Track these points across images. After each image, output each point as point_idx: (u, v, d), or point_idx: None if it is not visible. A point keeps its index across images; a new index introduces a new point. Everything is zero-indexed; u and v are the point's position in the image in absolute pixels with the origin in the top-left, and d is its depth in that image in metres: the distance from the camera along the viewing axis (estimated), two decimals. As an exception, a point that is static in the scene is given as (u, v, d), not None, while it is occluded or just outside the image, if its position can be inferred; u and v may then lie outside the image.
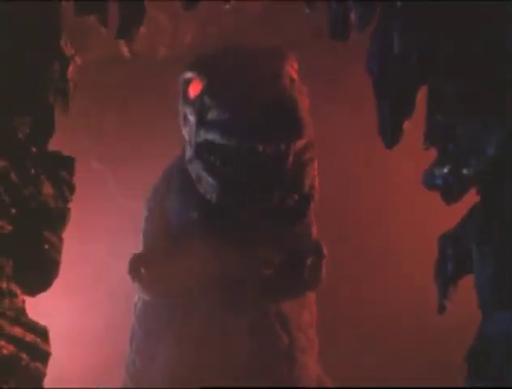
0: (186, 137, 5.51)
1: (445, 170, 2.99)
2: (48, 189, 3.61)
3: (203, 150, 5.14)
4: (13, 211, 3.38)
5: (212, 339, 5.27)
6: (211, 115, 5.09)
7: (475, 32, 2.92)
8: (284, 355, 5.30)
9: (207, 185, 5.19)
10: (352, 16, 3.63)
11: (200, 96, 5.27)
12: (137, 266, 5.52)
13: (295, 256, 5.42)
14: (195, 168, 5.30)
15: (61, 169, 3.75)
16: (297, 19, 6.96)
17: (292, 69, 5.39)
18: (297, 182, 5.22)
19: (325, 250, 5.48)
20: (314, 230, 5.68)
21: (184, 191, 5.50)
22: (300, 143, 5.12)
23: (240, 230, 5.28)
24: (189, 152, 5.41)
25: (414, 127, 3.29)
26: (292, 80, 5.24)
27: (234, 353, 5.19)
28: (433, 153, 3.12)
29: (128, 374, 5.67)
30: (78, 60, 3.94)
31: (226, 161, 5.06)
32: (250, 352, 5.20)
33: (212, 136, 5.06)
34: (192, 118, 5.31)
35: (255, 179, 5.04)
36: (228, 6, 4.28)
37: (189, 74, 5.46)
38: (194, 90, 5.37)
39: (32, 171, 3.54)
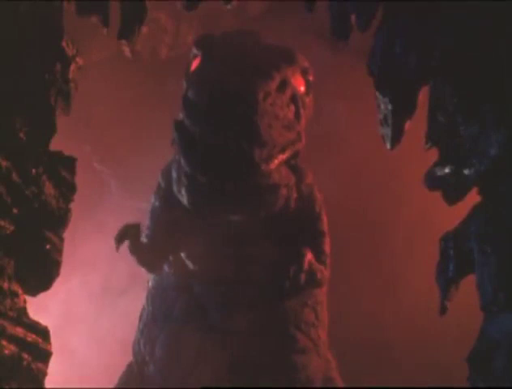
0: None
1: (447, 170, 2.99)
2: (49, 189, 3.61)
3: (177, 129, 5.09)
4: (15, 211, 3.38)
5: (204, 340, 5.25)
6: (190, 94, 5.08)
7: (475, 33, 2.92)
8: (279, 356, 5.23)
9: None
10: (353, 17, 3.65)
11: (191, 74, 5.30)
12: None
13: (278, 266, 5.20)
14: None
15: (62, 170, 3.75)
16: (297, 20, 6.98)
17: (297, 76, 5.30)
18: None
19: (306, 263, 5.17)
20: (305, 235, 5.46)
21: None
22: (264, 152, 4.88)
23: (230, 228, 5.25)
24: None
25: (416, 127, 3.30)
26: (282, 86, 5.06)
27: (227, 353, 5.16)
28: (434, 153, 3.12)
29: (133, 353, 5.63)
30: (79, 60, 3.94)
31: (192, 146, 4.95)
32: (243, 353, 5.17)
33: (184, 115, 5.06)
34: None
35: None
36: (229, 7, 4.29)
37: (194, 50, 5.45)
38: (194, 66, 5.40)
39: (34, 171, 3.54)
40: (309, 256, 5.23)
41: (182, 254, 5.47)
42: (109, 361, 6.69)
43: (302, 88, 5.37)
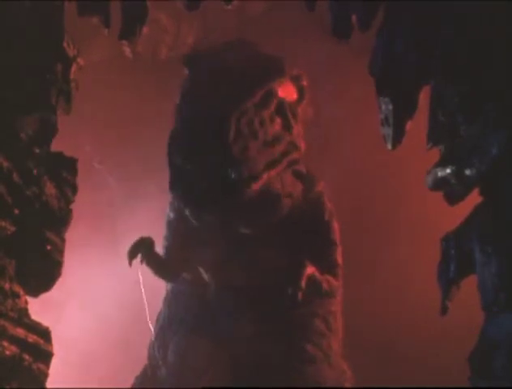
0: None
1: (448, 171, 2.98)
2: (50, 189, 3.61)
3: (169, 147, 5.15)
4: (16, 211, 3.38)
5: (214, 346, 5.25)
6: (176, 114, 5.15)
7: (476, 32, 2.92)
8: (286, 365, 5.18)
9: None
10: (354, 16, 3.65)
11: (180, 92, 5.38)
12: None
13: (282, 277, 5.13)
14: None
15: (63, 170, 3.75)
16: (298, 18, 6.97)
17: (287, 85, 5.27)
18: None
19: (303, 280, 4.98)
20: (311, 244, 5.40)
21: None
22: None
23: (241, 238, 5.25)
24: None
25: (417, 128, 3.29)
26: (266, 100, 5.04)
27: (233, 362, 5.15)
28: (436, 153, 3.11)
29: (148, 357, 5.65)
30: (80, 61, 3.94)
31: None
32: (251, 360, 5.15)
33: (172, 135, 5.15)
34: None
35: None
36: (229, 7, 4.29)
37: (184, 68, 5.48)
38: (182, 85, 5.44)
39: (35, 172, 3.54)
40: (310, 269, 5.09)
41: (197, 263, 5.49)
42: (111, 363, 6.70)
43: (294, 96, 5.33)
